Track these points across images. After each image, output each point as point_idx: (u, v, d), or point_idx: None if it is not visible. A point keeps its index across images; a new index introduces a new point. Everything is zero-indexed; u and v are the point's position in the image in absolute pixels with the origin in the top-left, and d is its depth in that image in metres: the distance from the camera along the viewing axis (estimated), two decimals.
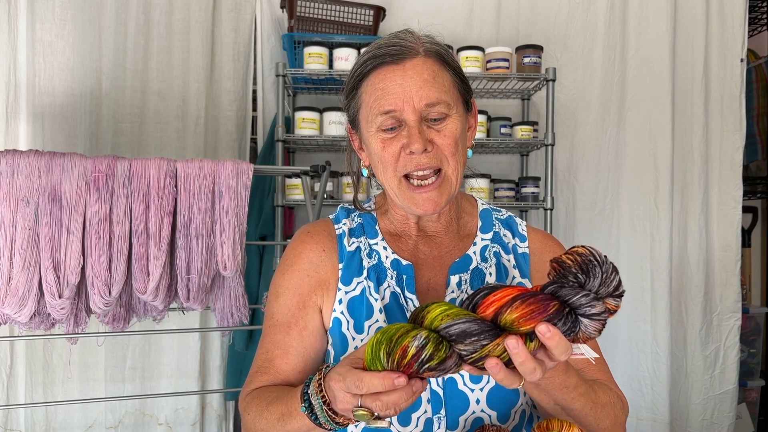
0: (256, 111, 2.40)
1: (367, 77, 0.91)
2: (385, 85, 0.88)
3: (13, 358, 2.11)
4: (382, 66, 0.90)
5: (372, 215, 1.02)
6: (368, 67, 0.91)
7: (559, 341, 0.65)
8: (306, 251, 0.97)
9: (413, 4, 2.43)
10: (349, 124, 1.00)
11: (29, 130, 2.14)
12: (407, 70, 0.88)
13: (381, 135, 0.90)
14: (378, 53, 0.90)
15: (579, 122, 2.53)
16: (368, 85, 0.91)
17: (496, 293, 0.67)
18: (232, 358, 2.23)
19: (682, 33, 2.55)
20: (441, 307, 0.68)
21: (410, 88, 0.87)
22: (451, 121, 0.90)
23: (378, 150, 0.91)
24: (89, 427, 2.17)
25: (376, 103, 0.89)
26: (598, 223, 2.53)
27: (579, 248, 0.68)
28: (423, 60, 0.89)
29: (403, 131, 0.88)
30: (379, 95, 0.89)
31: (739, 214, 2.59)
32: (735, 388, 2.58)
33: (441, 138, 0.89)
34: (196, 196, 1.60)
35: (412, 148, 0.87)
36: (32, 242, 1.48)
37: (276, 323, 0.95)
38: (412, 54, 0.89)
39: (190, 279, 1.60)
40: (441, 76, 0.90)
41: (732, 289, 2.58)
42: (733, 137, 2.58)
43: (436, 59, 0.91)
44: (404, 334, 0.65)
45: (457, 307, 0.68)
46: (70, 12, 2.17)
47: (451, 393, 0.88)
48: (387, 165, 0.90)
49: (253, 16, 2.37)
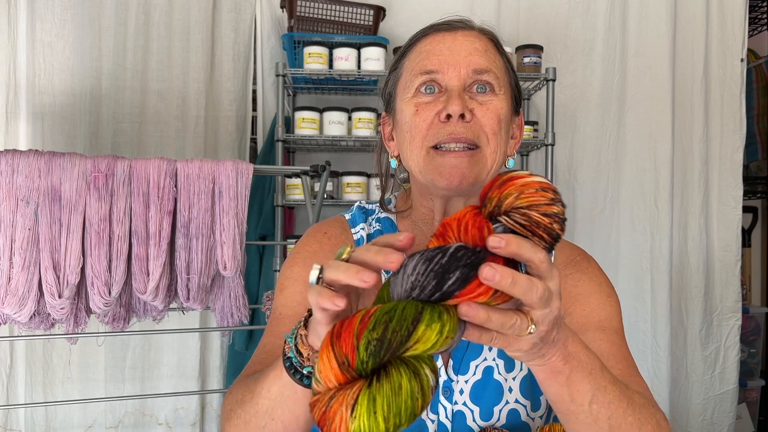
0: (256, 111, 2.40)
1: (414, 46, 0.85)
2: (432, 47, 0.81)
3: (13, 358, 2.11)
4: (431, 33, 0.83)
5: (391, 221, 0.93)
6: (416, 37, 0.85)
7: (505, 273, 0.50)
8: (323, 251, 0.88)
9: (413, 4, 2.43)
10: (385, 111, 0.92)
11: (29, 130, 2.14)
12: (458, 36, 0.81)
13: (416, 99, 0.81)
14: (431, 25, 0.84)
15: (579, 122, 2.53)
16: (413, 52, 0.84)
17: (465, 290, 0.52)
18: (232, 358, 2.22)
19: (682, 33, 2.55)
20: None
21: (459, 52, 0.80)
22: (498, 99, 0.81)
23: (409, 116, 0.81)
24: (89, 427, 2.17)
25: (419, 64, 0.82)
26: (598, 223, 2.53)
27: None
28: (477, 34, 0.83)
29: (442, 97, 0.80)
30: (424, 56, 0.82)
31: (739, 214, 2.59)
32: (735, 388, 2.58)
33: (483, 111, 0.79)
34: (196, 196, 1.59)
35: (449, 110, 0.77)
36: (32, 242, 1.48)
37: (280, 316, 0.85)
38: (467, 27, 0.83)
39: (189, 279, 1.60)
40: (494, 54, 0.83)
41: (732, 289, 2.58)
42: (733, 137, 2.58)
43: (491, 39, 0.84)
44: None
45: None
46: (70, 12, 2.17)
47: (460, 428, 0.83)
48: (416, 134, 0.81)
49: (253, 16, 2.37)
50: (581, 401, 0.63)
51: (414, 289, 0.51)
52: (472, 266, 0.50)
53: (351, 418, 0.46)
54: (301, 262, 0.88)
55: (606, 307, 0.86)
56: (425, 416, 0.81)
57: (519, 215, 0.53)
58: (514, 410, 0.84)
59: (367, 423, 0.46)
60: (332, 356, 0.48)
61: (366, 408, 0.46)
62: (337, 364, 0.48)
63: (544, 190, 0.54)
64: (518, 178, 0.54)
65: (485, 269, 0.49)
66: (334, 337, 0.49)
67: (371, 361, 0.48)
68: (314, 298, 0.53)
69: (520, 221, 0.53)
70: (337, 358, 0.48)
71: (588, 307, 0.86)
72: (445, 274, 0.50)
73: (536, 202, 0.53)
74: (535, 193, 0.53)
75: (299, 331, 0.62)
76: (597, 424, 0.64)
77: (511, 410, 0.84)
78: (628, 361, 0.82)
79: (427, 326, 0.49)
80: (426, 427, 0.82)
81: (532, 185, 0.54)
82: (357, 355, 0.48)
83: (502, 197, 0.54)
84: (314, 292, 0.54)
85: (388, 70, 0.90)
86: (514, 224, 0.53)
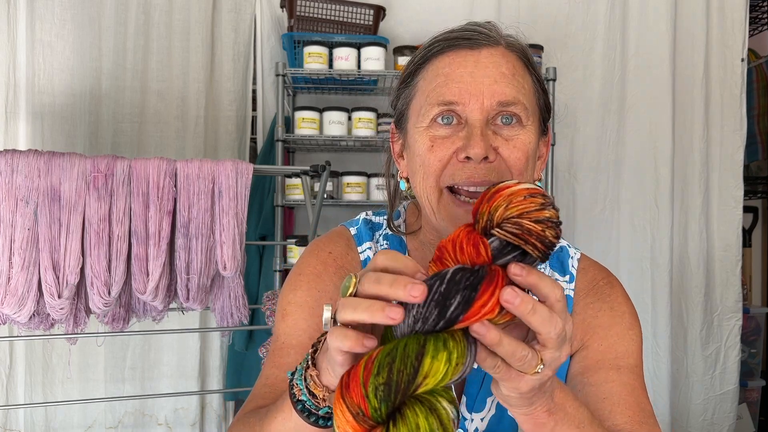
0: (255, 111, 2.40)
1: (431, 61, 0.74)
2: (452, 71, 0.71)
3: (13, 358, 2.11)
4: (452, 49, 0.72)
5: (401, 239, 0.85)
6: (435, 50, 0.73)
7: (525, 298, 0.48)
8: (327, 273, 0.82)
9: (413, 4, 2.43)
10: (394, 124, 0.82)
11: (29, 130, 2.14)
12: (482, 59, 0.71)
13: (432, 132, 0.72)
14: (450, 36, 0.73)
15: (579, 122, 2.52)
16: (430, 71, 0.73)
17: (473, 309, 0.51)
18: (232, 359, 2.22)
19: (682, 33, 2.55)
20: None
21: (482, 80, 0.69)
22: (525, 132, 0.71)
23: (423, 150, 0.72)
24: (89, 427, 2.17)
25: (436, 91, 0.71)
26: (598, 223, 2.53)
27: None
28: (504, 52, 0.72)
29: (461, 132, 0.70)
30: (442, 82, 0.71)
31: (739, 213, 2.59)
32: (736, 389, 2.58)
33: (509, 149, 0.70)
34: (196, 196, 1.59)
35: (469, 152, 0.68)
36: (31, 242, 1.48)
37: (283, 345, 0.78)
38: (492, 43, 0.72)
39: (189, 279, 1.60)
40: (522, 77, 0.73)
41: (732, 289, 2.58)
42: (733, 137, 2.58)
43: (519, 57, 0.74)
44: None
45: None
46: (70, 12, 2.16)
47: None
48: (429, 172, 0.71)
49: (253, 15, 2.37)
50: None
51: (417, 323, 0.49)
52: (473, 287, 0.49)
53: None
54: (305, 286, 0.82)
55: (625, 342, 0.81)
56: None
57: (510, 225, 0.53)
58: None
59: None
60: (345, 409, 0.47)
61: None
62: (352, 416, 0.47)
63: (533, 196, 0.53)
64: (505, 189, 0.54)
65: (507, 291, 0.48)
66: (343, 389, 0.47)
67: (383, 407, 0.46)
68: (339, 341, 0.49)
69: (512, 230, 0.52)
70: (351, 410, 0.47)
71: (606, 341, 0.80)
72: (446, 301, 0.49)
73: (526, 209, 0.52)
74: (524, 200, 0.53)
75: (309, 373, 0.57)
76: None
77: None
78: (640, 406, 0.75)
79: (432, 358, 0.47)
80: None
81: (520, 193, 0.53)
82: (368, 403, 0.46)
83: (492, 210, 0.53)
84: (338, 335, 0.49)
85: (400, 82, 0.79)
86: (506, 235, 0.52)
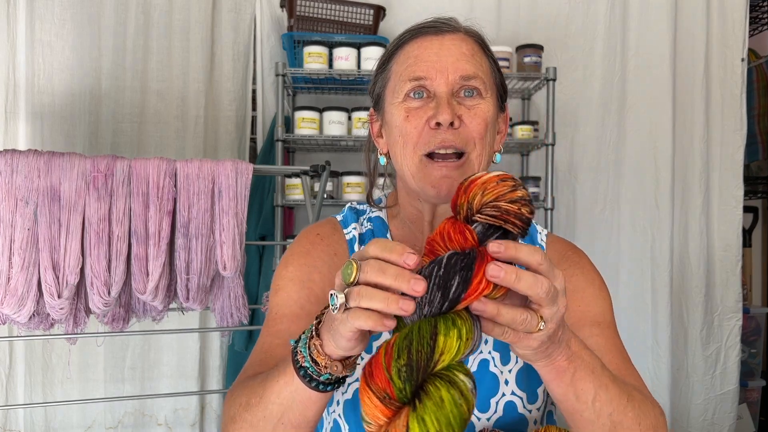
0: (255, 111, 2.40)
1: (402, 48, 0.87)
2: (420, 53, 0.84)
3: (12, 358, 2.10)
4: (419, 36, 0.86)
5: (382, 220, 0.95)
6: (405, 38, 0.87)
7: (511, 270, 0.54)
8: (316, 251, 0.90)
9: (413, 4, 2.43)
10: (373, 108, 0.94)
11: (28, 130, 2.14)
12: (445, 41, 0.84)
13: (406, 104, 0.84)
14: (417, 26, 0.87)
15: (579, 122, 2.52)
16: (401, 56, 0.87)
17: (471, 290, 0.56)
18: (232, 359, 2.22)
19: (682, 32, 2.55)
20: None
21: (447, 59, 0.83)
22: (484, 103, 0.84)
23: (400, 121, 0.84)
24: (88, 427, 2.17)
25: (408, 70, 0.84)
26: (598, 223, 2.53)
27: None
28: (463, 37, 0.86)
29: (431, 103, 0.83)
30: (412, 62, 0.84)
31: (739, 213, 2.59)
32: (736, 389, 2.58)
33: (471, 116, 0.83)
34: (196, 196, 1.59)
35: (439, 118, 0.80)
36: (31, 242, 1.48)
37: (277, 315, 0.85)
38: (453, 30, 0.86)
39: (189, 279, 1.60)
40: (480, 57, 0.86)
41: (733, 289, 2.58)
42: (733, 137, 2.58)
43: (476, 41, 0.87)
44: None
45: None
46: (70, 11, 2.16)
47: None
48: (408, 140, 0.83)
49: (253, 15, 2.36)
50: (585, 399, 0.66)
51: (424, 307, 0.54)
52: (468, 267, 0.54)
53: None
54: (295, 262, 0.89)
55: (599, 302, 0.89)
56: None
57: (489, 209, 0.58)
58: (511, 402, 0.85)
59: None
60: (372, 395, 0.51)
61: (420, 429, 0.49)
62: (380, 401, 0.51)
63: (504, 180, 0.58)
64: (478, 179, 0.59)
65: (491, 267, 0.53)
66: (367, 378, 0.52)
67: (408, 387, 0.51)
68: (362, 321, 0.54)
69: (492, 213, 0.58)
70: (377, 395, 0.51)
71: (583, 302, 0.88)
72: (447, 283, 0.54)
73: (501, 192, 0.58)
74: (497, 185, 0.58)
75: (313, 342, 0.62)
76: (600, 420, 0.67)
77: (508, 402, 0.85)
78: (622, 355, 0.85)
79: (445, 336, 0.52)
80: None
81: (492, 180, 0.59)
82: (393, 385, 0.50)
83: (470, 199, 0.59)
84: (361, 316, 0.54)
85: (376, 69, 0.92)
86: (487, 218, 0.58)
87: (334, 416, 0.87)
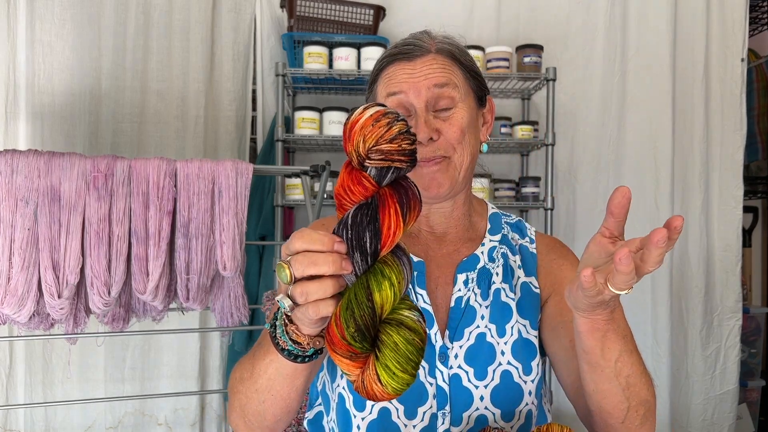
0: (255, 111, 2.40)
1: (383, 71, 0.96)
2: (395, 75, 0.93)
3: (13, 358, 2.10)
4: (393, 63, 0.94)
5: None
6: (383, 64, 0.96)
7: None
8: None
9: (413, 4, 2.43)
10: None
11: (28, 130, 2.14)
12: (416, 66, 0.92)
13: None
14: (393, 52, 0.95)
15: (579, 122, 2.52)
16: (383, 78, 0.96)
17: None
18: (232, 359, 2.22)
19: (682, 32, 2.55)
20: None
21: (419, 78, 0.91)
22: (458, 110, 0.92)
23: None
24: (89, 427, 2.17)
25: (386, 89, 0.94)
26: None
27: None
28: (433, 57, 0.93)
29: (411, 121, 0.90)
30: (387, 82, 0.94)
31: (739, 213, 2.59)
32: (736, 389, 2.58)
33: (447, 126, 0.91)
34: (196, 196, 1.59)
35: (417, 137, 0.86)
36: (31, 242, 1.48)
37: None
38: (424, 52, 0.93)
39: (189, 279, 1.60)
40: (451, 68, 0.93)
41: (732, 289, 2.58)
42: (733, 137, 2.58)
43: (447, 56, 0.94)
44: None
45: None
46: (70, 12, 2.16)
47: (457, 389, 0.90)
48: None
49: (253, 15, 2.37)
50: (609, 357, 0.77)
51: (353, 270, 0.59)
52: (374, 219, 0.59)
53: (383, 388, 0.58)
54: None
55: None
56: (424, 380, 0.89)
57: (375, 153, 0.59)
58: (507, 371, 0.92)
59: (395, 382, 0.58)
60: (341, 357, 0.59)
61: (386, 374, 0.58)
62: (348, 359, 0.59)
63: (377, 120, 0.59)
64: (355, 124, 0.60)
65: (621, 258, 0.64)
66: (331, 346, 0.59)
67: (365, 343, 0.58)
68: (314, 312, 0.60)
69: (378, 158, 0.60)
70: (344, 356, 0.59)
71: None
72: (360, 241, 0.59)
73: (379, 134, 0.59)
74: (374, 128, 0.59)
75: (289, 329, 0.68)
76: (617, 378, 0.78)
77: (504, 371, 0.91)
78: None
79: (379, 291, 0.58)
80: (426, 390, 0.89)
81: (367, 123, 0.59)
82: (353, 346, 0.58)
83: (356, 146, 0.60)
84: (310, 309, 0.60)
85: (367, 89, 1.03)
86: (376, 162, 0.60)
87: (339, 390, 0.92)
